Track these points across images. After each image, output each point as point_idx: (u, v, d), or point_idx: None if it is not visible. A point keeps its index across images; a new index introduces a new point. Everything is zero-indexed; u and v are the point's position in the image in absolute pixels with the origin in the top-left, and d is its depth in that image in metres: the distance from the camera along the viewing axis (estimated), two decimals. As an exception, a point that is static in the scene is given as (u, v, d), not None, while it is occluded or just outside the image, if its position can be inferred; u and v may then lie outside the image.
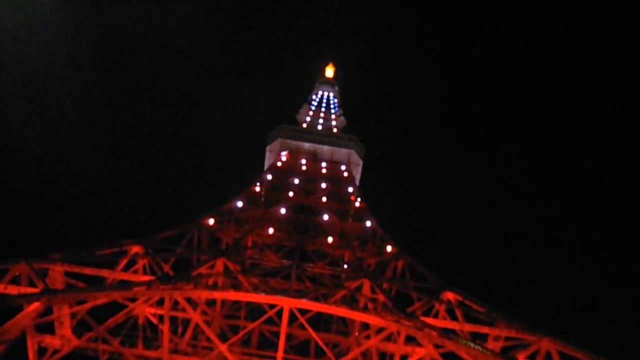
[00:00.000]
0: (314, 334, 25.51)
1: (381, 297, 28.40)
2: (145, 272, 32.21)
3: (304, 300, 23.75)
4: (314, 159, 59.11)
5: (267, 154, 62.12)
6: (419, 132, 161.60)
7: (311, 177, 53.70)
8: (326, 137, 62.81)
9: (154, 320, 29.71)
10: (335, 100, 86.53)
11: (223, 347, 23.86)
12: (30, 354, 22.86)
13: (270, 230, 42.01)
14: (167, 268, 32.77)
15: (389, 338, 30.35)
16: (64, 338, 25.72)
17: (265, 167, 61.25)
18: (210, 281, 32.68)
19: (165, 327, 27.80)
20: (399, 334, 29.17)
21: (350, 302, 32.54)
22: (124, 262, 30.64)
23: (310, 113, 75.85)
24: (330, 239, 41.99)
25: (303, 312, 24.68)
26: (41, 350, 25.05)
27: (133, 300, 26.10)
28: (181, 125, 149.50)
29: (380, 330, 28.40)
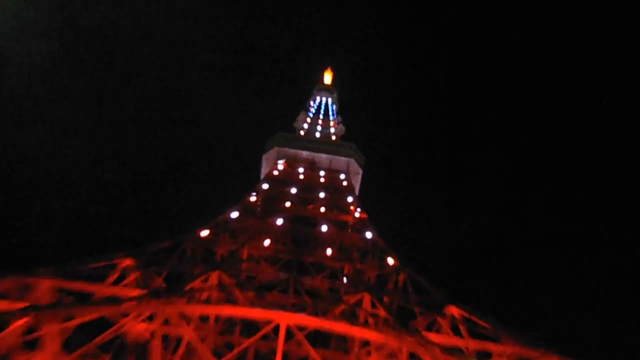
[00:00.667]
0: (312, 351, 25.41)
1: (382, 312, 28.35)
2: (136, 286, 32.18)
3: (301, 315, 23.73)
4: (312, 167, 59.16)
5: (264, 163, 62.16)
6: (420, 139, 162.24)
7: (309, 186, 53.70)
8: (324, 145, 62.98)
9: (146, 336, 29.54)
10: (334, 107, 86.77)
11: (217, 365, 23.74)
12: (17, 373, 22.68)
13: (267, 242, 41.95)
14: (159, 282, 32.79)
15: (390, 354, 30.24)
16: (52, 355, 25.55)
17: (262, 176, 61.26)
18: (204, 295, 32.56)
19: (157, 344, 27.68)
20: (400, 350, 29.08)
21: (350, 317, 32.42)
22: (114, 275, 30.58)
23: (308, 120, 76.08)
24: (329, 251, 41.94)
25: (301, 327, 24.62)
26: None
27: (124, 315, 25.97)
28: (176, 133, 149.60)
29: (381, 346, 28.32)
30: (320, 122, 76.86)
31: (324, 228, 44.40)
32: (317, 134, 70.32)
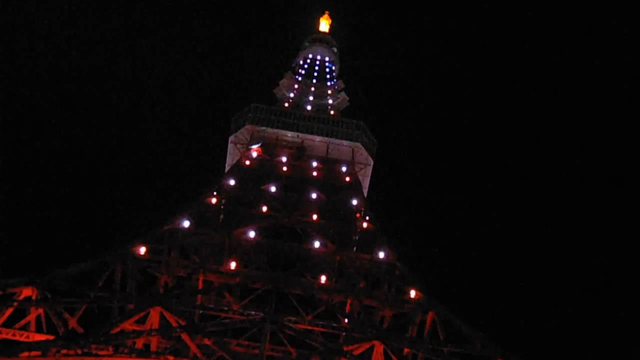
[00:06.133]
0: None
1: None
2: (40, 328, 31.87)
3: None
4: (300, 155, 58.90)
5: (230, 148, 61.91)
6: (447, 115, 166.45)
7: (295, 183, 53.53)
8: (319, 122, 62.67)
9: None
10: (333, 67, 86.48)
11: None
12: None
13: (233, 265, 41.61)
14: (73, 322, 32.45)
15: None
16: None
17: (227, 167, 60.96)
18: (140, 343, 32.25)
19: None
20: None
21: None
22: (8, 312, 30.27)
23: (296, 86, 75.76)
24: (323, 279, 41.64)
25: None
26: None
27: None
28: (106, 109, 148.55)
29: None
30: (312, 89, 76.51)
31: (317, 244, 44.15)
32: (309, 107, 70.01)
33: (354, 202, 51.79)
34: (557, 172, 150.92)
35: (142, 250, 39.19)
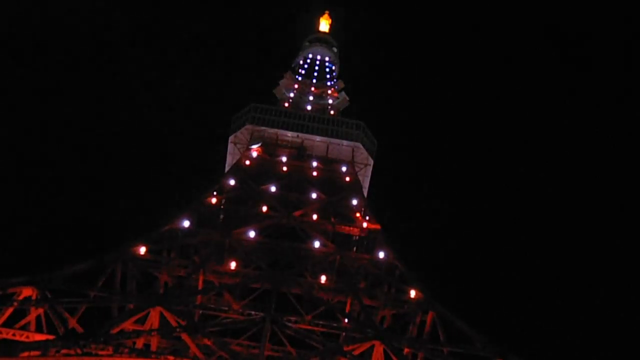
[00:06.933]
0: None
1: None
2: (40, 328, 31.86)
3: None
4: (300, 155, 58.84)
5: (230, 148, 61.82)
6: (445, 113, 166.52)
7: (296, 183, 53.50)
8: (319, 122, 62.58)
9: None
10: (333, 68, 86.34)
11: None
12: None
13: (233, 265, 41.60)
14: (73, 322, 32.45)
15: None
16: None
17: (227, 167, 60.91)
18: (140, 343, 32.26)
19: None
20: None
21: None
22: (8, 312, 30.25)
23: (296, 86, 75.66)
24: (323, 279, 41.63)
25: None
26: None
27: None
28: (104, 108, 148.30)
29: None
30: (312, 89, 76.43)
31: (317, 244, 44.12)
32: (309, 107, 69.94)
33: (354, 202, 51.74)
34: (557, 171, 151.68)
35: (142, 250, 39.20)
